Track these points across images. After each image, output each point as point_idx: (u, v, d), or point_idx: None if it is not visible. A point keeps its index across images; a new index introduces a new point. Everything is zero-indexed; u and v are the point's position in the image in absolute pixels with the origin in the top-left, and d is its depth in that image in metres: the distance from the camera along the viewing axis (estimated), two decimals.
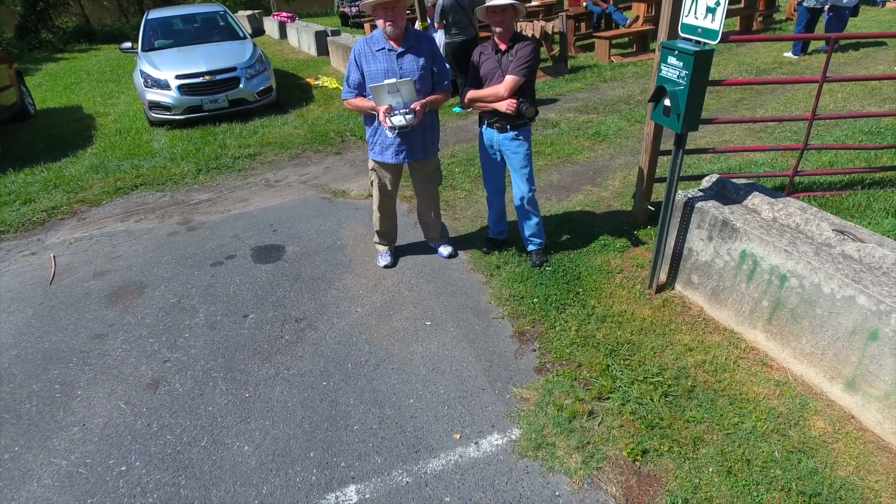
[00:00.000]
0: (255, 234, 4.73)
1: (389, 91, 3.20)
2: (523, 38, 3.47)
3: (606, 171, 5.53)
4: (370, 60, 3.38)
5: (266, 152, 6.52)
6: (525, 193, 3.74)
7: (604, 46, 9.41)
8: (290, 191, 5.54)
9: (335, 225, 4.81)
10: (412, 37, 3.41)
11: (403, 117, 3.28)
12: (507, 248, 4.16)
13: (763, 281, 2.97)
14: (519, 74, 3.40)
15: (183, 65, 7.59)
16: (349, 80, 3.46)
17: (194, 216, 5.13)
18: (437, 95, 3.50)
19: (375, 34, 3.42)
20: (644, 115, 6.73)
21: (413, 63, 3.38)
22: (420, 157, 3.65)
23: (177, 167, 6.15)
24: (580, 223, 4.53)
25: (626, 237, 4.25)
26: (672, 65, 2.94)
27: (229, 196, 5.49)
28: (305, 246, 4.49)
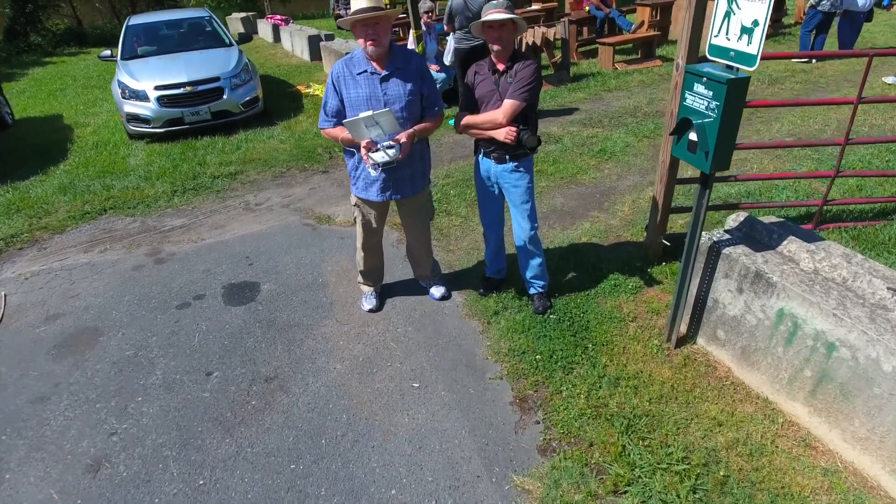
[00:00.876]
0: (229, 268, 4.30)
1: (367, 125, 2.76)
2: (524, 57, 3.04)
3: (614, 193, 5.09)
4: (350, 85, 2.95)
5: (248, 170, 6.08)
6: (526, 232, 3.31)
7: (608, 53, 8.98)
8: (271, 216, 5.11)
9: (317, 257, 4.37)
10: (397, 56, 2.97)
11: (386, 152, 2.84)
12: (506, 290, 3.72)
13: (805, 347, 2.54)
14: (519, 99, 2.96)
15: (162, 75, 7.15)
16: (326, 106, 3.03)
17: (164, 246, 4.69)
18: (426, 123, 3.06)
19: (356, 54, 2.98)
20: (652, 129, 6.31)
21: (399, 88, 2.95)
22: (409, 193, 3.22)
23: (151, 188, 5.71)
24: (587, 257, 4.10)
25: (638, 275, 3.81)
26: (699, 94, 2.50)
27: (205, 222, 5.06)
28: (283, 283, 4.05)
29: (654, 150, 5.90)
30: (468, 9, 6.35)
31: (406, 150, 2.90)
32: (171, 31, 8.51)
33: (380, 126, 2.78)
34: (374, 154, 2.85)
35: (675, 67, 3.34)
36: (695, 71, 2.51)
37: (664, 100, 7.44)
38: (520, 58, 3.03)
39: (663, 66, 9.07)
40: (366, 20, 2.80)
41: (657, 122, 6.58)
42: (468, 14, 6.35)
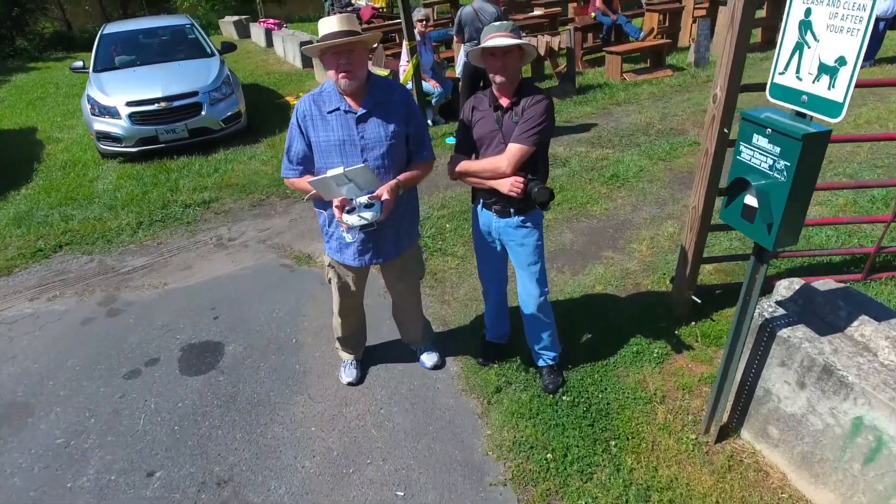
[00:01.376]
0: (191, 321, 3.74)
1: (338, 183, 2.21)
2: (533, 91, 2.48)
3: (629, 228, 4.53)
4: (319, 126, 2.39)
5: (224, 197, 5.52)
6: (535, 299, 2.76)
7: (615, 63, 8.42)
8: (245, 254, 4.55)
9: (293, 308, 3.82)
10: (377, 90, 2.42)
11: (362, 215, 2.28)
12: (509, 358, 3.17)
13: (893, 471, 1.98)
14: (527, 143, 2.41)
15: (135, 89, 6.60)
16: (290, 151, 2.47)
17: (121, 292, 4.13)
18: (413, 172, 2.51)
19: (326, 88, 2.43)
20: (667, 149, 5.75)
21: (379, 129, 2.39)
22: (392, 255, 2.67)
23: (114, 219, 5.15)
24: (602, 311, 3.54)
25: (664, 338, 3.26)
26: (761, 149, 1.95)
27: (170, 261, 4.50)
28: (251, 344, 3.50)
29: (671, 175, 5.35)
30: (479, 19, 5.79)
31: (388, 209, 2.34)
32: (149, 40, 7.95)
33: (354, 182, 2.23)
34: (349, 217, 2.29)
35: (713, 99, 2.79)
36: (755, 119, 1.96)
37: (678, 115, 6.88)
38: (527, 91, 2.48)
39: (675, 76, 8.51)
40: (337, 48, 2.24)
41: (672, 142, 6.02)
42: (478, 25, 5.80)
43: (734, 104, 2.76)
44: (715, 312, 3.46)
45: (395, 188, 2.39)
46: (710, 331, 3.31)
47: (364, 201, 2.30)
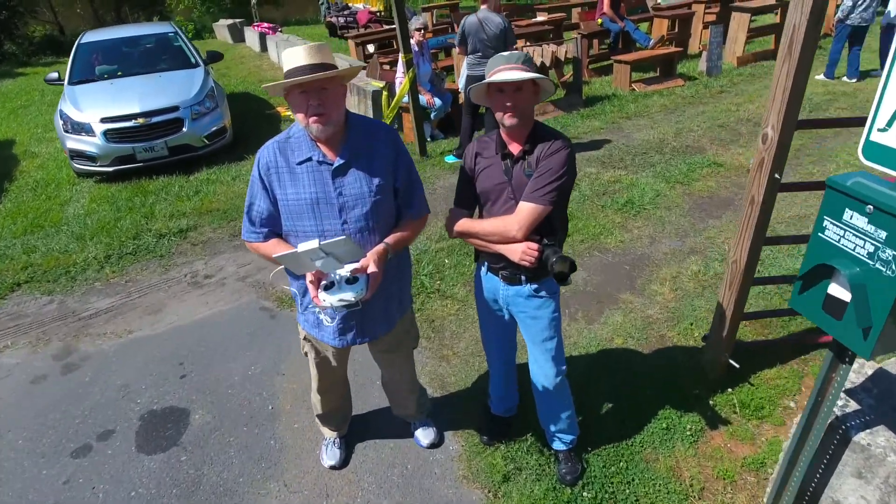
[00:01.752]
0: (155, 381, 3.29)
1: (312, 258, 1.76)
2: (550, 135, 2.03)
3: (647, 264, 4.08)
4: (286, 181, 1.94)
5: (203, 225, 5.07)
6: (551, 379, 2.30)
7: (624, 72, 7.97)
8: (222, 294, 4.09)
9: (271, 364, 3.37)
10: (357, 133, 1.97)
11: (342, 296, 1.82)
12: (518, 437, 2.72)
13: None
14: (543, 202, 1.96)
15: (111, 104, 6.13)
16: (251, 211, 2.01)
17: (81, 342, 3.68)
18: (404, 232, 2.05)
19: (294, 133, 1.98)
20: (685, 171, 5.30)
21: (361, 183, 1.94)
22: (382, 332, 2.22)
23: (81, 251, 4.69)
24: (624, 373, 3.09)
25: (697, 410, 2.82)
26: (858, 230, 1.49)
27: (138, 303, 4.04)
28: (221, 411, 3.05)
29: (691, 201, 4.89)
30: (483, 30, 5.33)
31: (376, 284, 1.88)
32: (129, 50, 7.48)
33: (333, 256, 1.77)
34: (327, 295, 1.83)
35: (762, 139, 2.34)
36: (848, 190, 1.50)
37: (693, 130, 6.43)
38: (543, 136, 2.02)
39: (686, 86, 8.06)
40: (305, 85, 1.79)
41: (689, 162, 5.57)
42: (482, 36, 5.33)
43: (788, 145, 2.31)
44: (753, 375, 3.01)
45: (383, 255, 1.94)
46: (750, 399, 2.86)
47: (345, 275, 1.84)
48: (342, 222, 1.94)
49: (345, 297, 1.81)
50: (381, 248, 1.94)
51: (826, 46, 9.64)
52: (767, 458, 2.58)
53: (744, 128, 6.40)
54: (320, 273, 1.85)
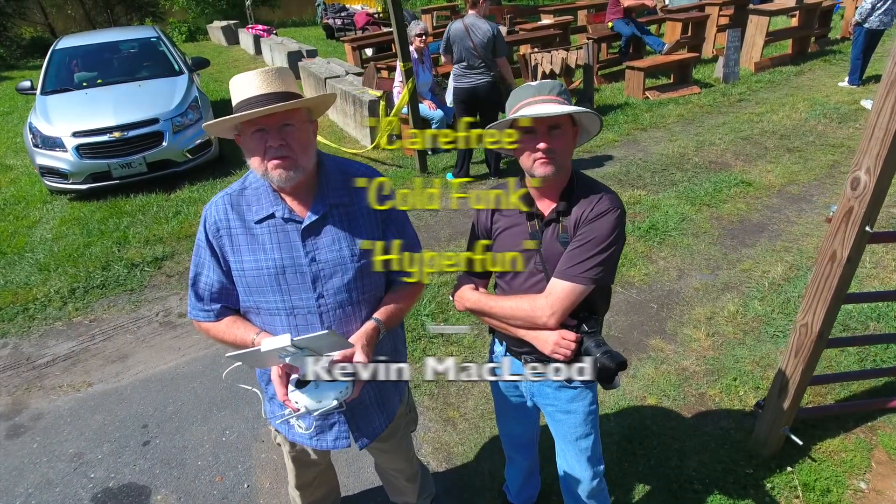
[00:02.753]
0: (113, 449, 2.83)
1: (281, 355, 1.30)
2: (593, 190, 1.56)
3: (677, 302, 3.63)
4: (241, 245, 1.49)
5: (180, 252, 4.60)
6: (585, 482, 1.84)
7: (637, 79, 7.51)
8: (196, 338, 3.62)
9: (249, 428, 2.90)
10: (332, 179, 1.53)
11: (321, 400, 1.37)
12: None
13: None
14: (583, 281, 1.50)
15: (84, 116, 5.66)
16: (197, 285, 1.56)
17: (32, 397, 3.21)
18: (397, 304, 1.59)
19: (251, 183, 1.53)
20: (711, 191, 4.87)
21: (341, 244, 1.50)
22: (380, 428, 1.77)
23: (43, 284, 4.22)
24: (660, 443, 2.64)
25: (752, 495, 2.37)
26: None
27: (102, 348, 3.58)
28: (187, 490, 2.58)
29: (720, 226, 4.44)
30: (470, 37, 4.87)
31: (362, 383, 1.42)
32: (109, 55, 7.01)
33: (308, 354, 1.32)
34: (300, 395, 1.37)
35: (851, 184, 1.87)
36: None
37: (715, 144, 5.97)
38: (584, 191, 1.56)
39: (702, 93, 7.61)
40: (263, 121, 1.34)
41: (714, 181, 5.11)
42: (468, 44, 4.88)
43: (885, 192, 1.85)
44: (813, 447, 2.56)
45: (373, 339, 1.49)
46: (815, 481, 2.41)
47: (326, 365, 1.38)
48: (317, 296, 1.49)
49: (325, 400, 1.36)
50: (371, 329, 1.50)
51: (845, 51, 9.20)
52: None
53: (769, 141, 5.94)
54: (290, 367, 1.40)
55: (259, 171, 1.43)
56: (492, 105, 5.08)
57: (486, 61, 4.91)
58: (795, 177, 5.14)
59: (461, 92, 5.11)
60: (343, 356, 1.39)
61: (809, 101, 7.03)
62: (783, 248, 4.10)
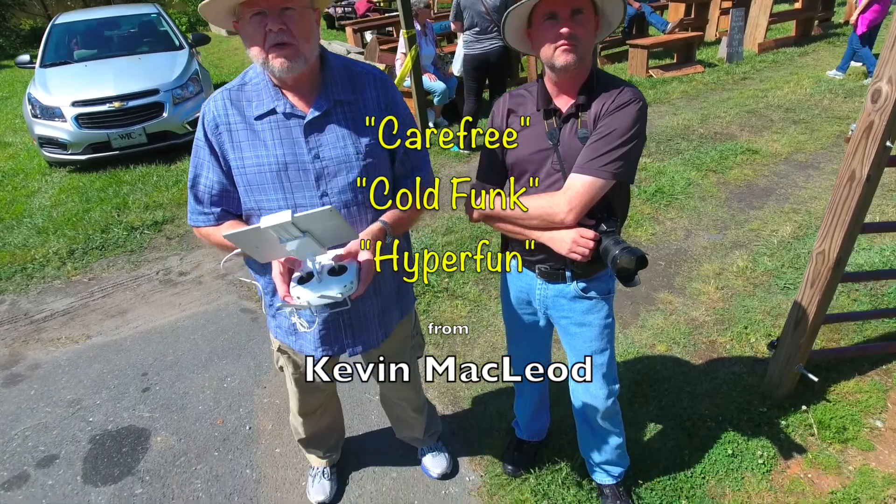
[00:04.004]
0: (112, 395, 2.77)
1: (282, 238, 1.24)
2: (613, 84, 1.51)
3: (686, 259, 3.58)
4: (242, 141, 1.42)
5: (180, 217, 4.54)
6: (600, 401, 1.79)
7: (640, 58, 7.47)
8: (198, 294, 3.57)
9: (251, 375, 2.85)
10: (338, 77, 1.45)
11: (324, 293, 1.30)
12: (550, 465, 2.21)
13: None
14: (604, 175, 1.44)
15: (84, 87, 5.61)
16: (197, 185, 1.49)
17: (30, 348, 3.16)
18: (403, 211, 1.53)
19: (251, 78, 1.46)
20: (717, 158, 4.82)
21: (346, 142, 1.44)
22: (379, 340, 1.70)
23: (42, 246, 4.16)
24: (672, 387, 2.59)
25: (766, 433, 2.32)
26: None
27: (100, 304, 3.52)
28: (188, 432, 2.53)
29: (727, 190, 4.39)
30: (482, 1, 4.82)
31: (369, 275, 1.36)
32: (108, 31, 6.95)
33: (311, 235, 1.25)
34: (303, 290, 1.31)
35: (871, 97, 1.82)
36: None
37: (720, 117, 5.92)
38: (604, 85, 1.51)
39: (706, 72, 7.56)
40: (264, 1, 1.28)
41: (720, 149, 5.06)
42: (480, 8, 4.83)
43: None
44: (830, 389, 2.51)
45: (379, 237, 1.42)
46: (829, 419, 2.36)
47: (328, 263, 1.33)
48: (320, 195, 1.43)
49: (328, 292, 1.29)
50: (377, 228, 1.43)
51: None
52: (860, 492, 2.07)
53: (775, 114, 5.89)
54: (292, 262, 1.34)
55: (259, 61, 1.37)
56: (501, 71, 5.04)
57: (498, 26, 4.86)
58: (802, 146, 5.09)
59: (472, 59, 5.06)
60: (348, 252, 1.33)
61: (814, 79, 6.99)
62: (791, 209, 4.06)
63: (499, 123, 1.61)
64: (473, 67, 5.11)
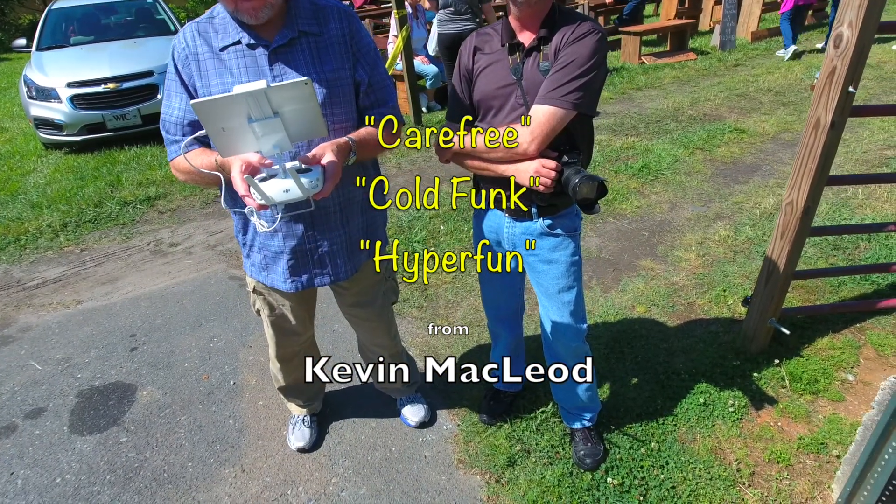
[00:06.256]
0: (101, 354, 2.82)
1: (253, 114, 1.22)
2: (572, 17, 1.56)
3: (669, 230, 3.62)
4: (209, 70, 1.46)
5: (173, 193, 4.60)
6: (569, 340, 1.84)
7: (633, 45, 7.52)
8: (188, 263, 3.63)
9: (237, 336, 2.90)
10: (300, 8, 1.49)
11: (284, 184, 1.30)
12: (525, 414, 2.26)
13: None
14: (564, 104, 1.49)
15: (80, 69, 5.67)
16: (169, 117, 1.52)
17: (21, 313, 3.21)
18: (369, 132, 1.56)
19: (219, 11, 1.49)
20: (705, 137, 4.85)
21: (309, 69, 1.48)
22: (344, 273, 1.74)
23: (35, 219, 4.22)
24: (649, 343, 2.63)
25: (739, 384, 2.36)
26: None
27: (92, 273, 3.58)
28: (173, 387, 2.58)
29: (713, 166, 4.43)
30: None
31: (335, 179, 1.36)
32: (104, 18, 7.01)
33: (280, 121, 1.24)
34: (267, 185, 1.28)
35: (834, 42, 1.86)
36: None
37: (710, 100, 5.97)
38: (565, 19, 1.56)
39: (699, 59, 7.61)
40: None
41: (709, 129, 5.11)
42: None
43: (867, 50, 1.84)
44: (803, 346, 2.56)
45: (344, 149, 1.44)
46: (801, 372, 2.41)
47: (293, 164, 1.33)
48: None
49: (291, 190, 1.27)
50: (343, 140, 1.45)
51: None
52: (828, 437, 2.12)
53: (765, 97, 5.94)
54: (254, 162, 1.30)
55: (230, 9, 1.42)
56: None
57: (472, 7, 4.91)
58: (790, 126, 5.14)
59: (446, 38, 5.11)
60: (313, 155, 1.35)
61: (805, 65, 7.03)
62: (776, 184, 4.10)
63: (465, 61, 1.67)
64: (447, 47, 5.16)
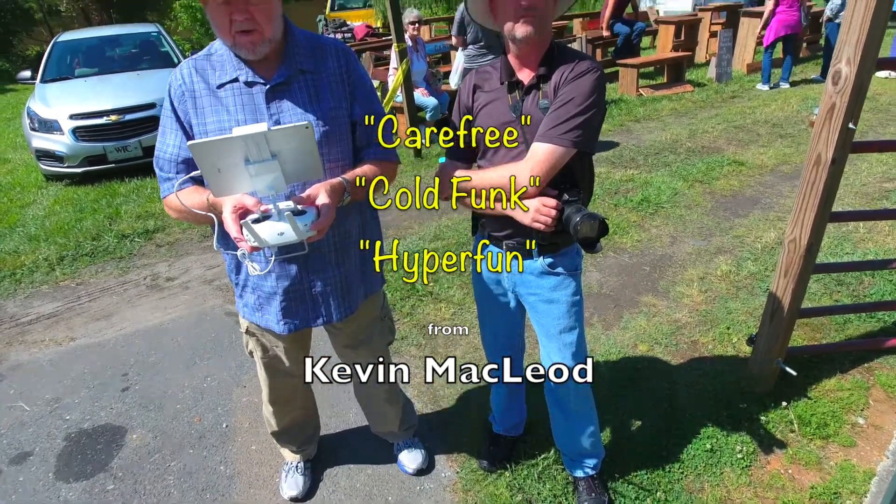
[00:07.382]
0: (91, 395, 2.76)
1: (250, 156, 1.20)
2: (572, 57, 1.54)
3: (670, 265, 3.58)
4: (205, 108, 1.45)
5: (171, 226, 4.57)
6: (571, 382, 1.78)
7: (630, 77, 7.60)
8: (184, 298, 3.58)
9: (231, 375, 2.84)
10: (298, 47, 1.48)
11: (278, 227, 1.26)
12: (527, 460, 2.18)
13: None
14: (564, 142, 1.47)
15: (83, 101, 5.71)
16: (163, 153, 1.51)
17: (12, 350, 3.15)
18: (368, 166, 1.54)
19: (217, 50, 1.49)
20: (703, 169, 4.85)
21: (306, 108, 1.47)
22: (340, 314, 1.69)
23: (32, 252, 4.19)
24: (653, 384, 2.57)
25: (746, 428, 2.29)
26: None
27: (87, 308, 3.53)
28: (164, 430, 2.51)
29: (713, 200, 4.42)
30: None
31: (328, 220, 1.33)
32: (109, 50, 7.11)
33: (277, 163, 1.22)
34: (261, 228, 1.25)
35: (832, 78, 1.85)
36: None
37: (708, 132, 6.00)
38: (564, 57, 1.54)
39: (696, 91, 7.68)
40: None
41: (707, 161, 5.12)
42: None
43: (866, 86, 1.83)
44: (811, 387, 2.49)
45: (338, 189, 1.41)
46: (810, 415, 2.34)
47: (287, 205, 1.30)
48: None
49: (285, 228, 1.24)
50: (336, 181, 1.43)
51: None
52: (841, 486, 2.04)
53: (762, 129, 5.97)
54: (248, 203, 1.28)
55: (228, 43, 1.41)
56: None
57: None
58: (788, 158, 5.14)
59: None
60: (308, 195, 1.32)
61: (801, 97, 7.09)
62: (776, 217, 4.08)
63: (465, 99, 1.65)
64: None
